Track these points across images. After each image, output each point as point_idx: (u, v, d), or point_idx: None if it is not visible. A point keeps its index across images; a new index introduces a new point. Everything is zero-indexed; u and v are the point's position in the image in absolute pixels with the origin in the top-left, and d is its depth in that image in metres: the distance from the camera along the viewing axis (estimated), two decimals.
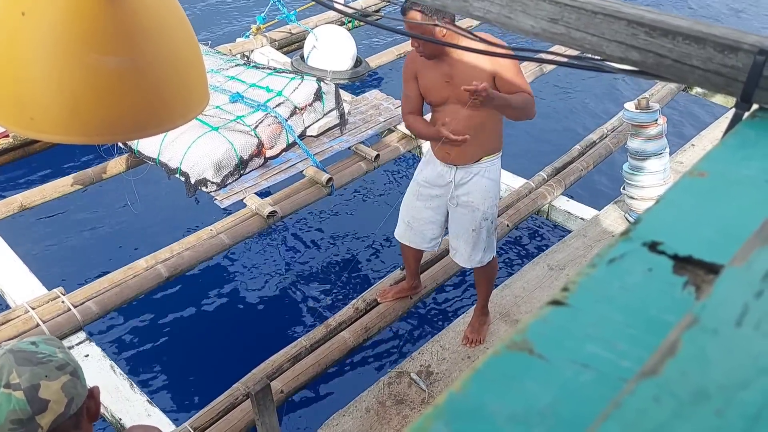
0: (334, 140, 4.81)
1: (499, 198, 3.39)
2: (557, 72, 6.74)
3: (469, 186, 3.22)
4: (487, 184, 3.22)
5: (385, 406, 3.29)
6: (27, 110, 1.07)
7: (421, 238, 3.48)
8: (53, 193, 4.37)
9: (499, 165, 3.26)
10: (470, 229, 3.29)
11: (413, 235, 3.47)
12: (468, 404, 0.53)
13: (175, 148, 4.23)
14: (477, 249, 3.34)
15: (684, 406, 0.48)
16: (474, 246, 3.33)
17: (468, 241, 3.33)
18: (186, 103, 1.21)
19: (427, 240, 3.48)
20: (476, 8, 1.35)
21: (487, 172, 3.21)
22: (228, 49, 5.83)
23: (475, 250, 3.34)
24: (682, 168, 4.92)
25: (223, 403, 3.18)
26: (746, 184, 0.84)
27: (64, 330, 3.40)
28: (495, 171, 3.24)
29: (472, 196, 3.23)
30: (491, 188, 3.23)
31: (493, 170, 3.23)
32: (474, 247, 3.33)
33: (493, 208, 3.28)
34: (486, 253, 3.36)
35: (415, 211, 3.40)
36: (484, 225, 3.27)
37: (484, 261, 3.38)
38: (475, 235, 3.30)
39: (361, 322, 3.67)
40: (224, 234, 4.04)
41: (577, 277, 0.68)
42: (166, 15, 1.15)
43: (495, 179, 3.24)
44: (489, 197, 3.23)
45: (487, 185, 3.22)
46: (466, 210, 3.26)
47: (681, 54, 1.12)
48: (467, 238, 3.32)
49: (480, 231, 3.28)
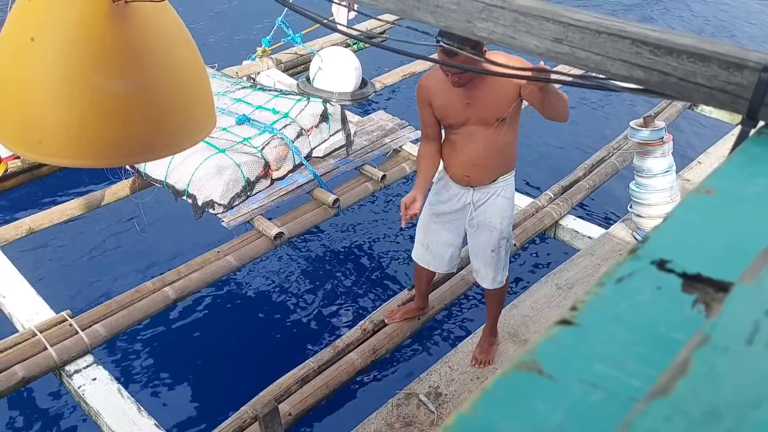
0: (341, 161, 4.82)
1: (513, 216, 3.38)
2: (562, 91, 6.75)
3: (486, 206, 3.21)
4: (503, 203, 3.21)
5: (393, 428, 3.27)
6: (35, 134, 1.08)
7: (440, 261, 3.46)
8: (61, 216, 4.39)
9: (513, 183, 3.26)
10: (489, 250, 3.28)
11: (432, 258, 3.46)
12: (477, 425, 0.53)
13: (182, 171, 4.25)
14: (498, 269, 3.33)
15: (696, 426, 0.47)
16: (495, 267, 3.32)
17: (488, 262, 3.31)
18: (193, 126, 1.21)
19: (446, 262, 3.46)
20: (481, 29, 1.36)
21: (503, 191, 3.20)
22: (234, 71, 5.87)
23: (496, 270, 3.33)
24: (689, 186, 4.91)
25: (231, 426, 3.16)
26: (754, 201, 0.84)
27: (71, 353, 3.40)
28: (510, 189, 3.24)
29: (489, 216, 3.22)
30: (507, 207, 3.23)
31: (508, 189, 3.22)
32: (495, 267, 3.32)
33: (509, 227, 3.28)
34: (504, 271, 3.37)
35: (434, 234, 3.38)
36: (503, 244, 3.27)
37: (503, 281, 3.39)
38: (495, 256, 3.29)
39: (369, 344, 3.66)
40: (231, 255, 4.04)
41: (585, 297, 0.68)
42: (172, 39, 1.16)
43: (510, 197, 3.24)
44: (506, 216, 3.23)
45: (503, 204, 3.21)
46: (485, 230, 3.25)
47: (686, 72, 1.12)
48: (487, 259, 3.31)
49: (499, 251, 3.28)
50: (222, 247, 4.11)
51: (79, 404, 3.40)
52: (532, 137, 6.50)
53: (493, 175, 3.15)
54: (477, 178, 3.14)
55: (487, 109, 2.94)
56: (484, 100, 2.92)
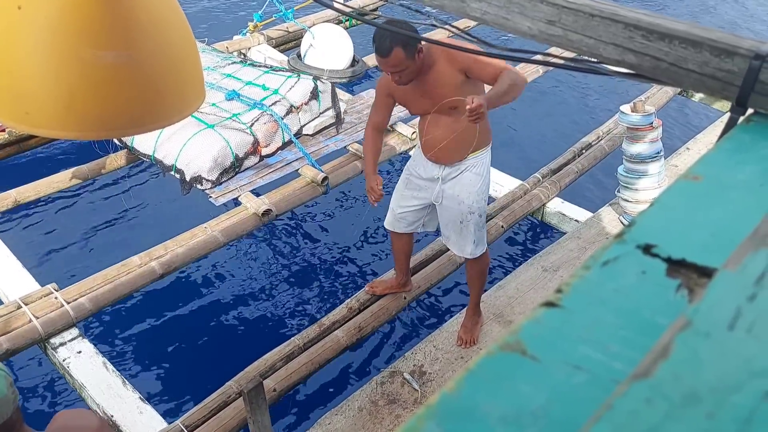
0: (330, 139, 4.80)
1: (488, 193, 3.42)
2: (553, 74, 6.75)
3: (455, 181, 3.28)
4: (473, 178, 3.27)
5: (377, 405, 3.29)
6: (22, 105, 1.07)
7: (402, 223, 3.55)
8: (47, 188, 4.36)
9: (486, 160, 3.30)
10: (457, 221, 3.35)
11: (395, 220, 3.55)
12: (460, 404, 0.53)
13: (170, 145, 4.23)
14: (467, 241, 3.38)
15: (676, 409, 0.48)
16: (464, 238, 3.38)
17: (458, 232, 3.39)
18: (182, 100, 1.20)
19: (407, 224, 3.55)
20: (474, 9, 1.35)
21: (474, 167, 3.26)
22: (225, 46, 5.82)
23: (465, 241, 3.39)
24: (677, 171, 4.93)
25: (216, 401, 3.17)
26: (740, 189, 0.85)
27: (56, 326, 3.39)
28: (481, 166, 3.28)
29: (458, 190, 3.28)
30: (476, 182, 3.27)
31: (479, 165, 3.27)
32: (464, 238, 3.38)
33: (480, 202, 3.31)
34: (477, 246, 3.40)
35: (403, 200, 3.48)
36: (471, 218, 3.31)
37: (475, 253, 3.42)
38: (463, 228, 3.35)
39: (355, 322, 3.67)
40: (219, 232, 4.03)
41: (570, 279, 0.68)
42: (163, 11, 1.15)
43: (481, 174, 3.28)
44: (474, 191, 3.27)
45: (473, 179, 3.27)
46: (452, 203, 3.32)
47: (677, 57, 1.12)
48: (456, 229, 3.38)
49: (467, 224, 3.33)
50: (209, 222, 4.09)
51: (64, 377, 3.40)
52: (520, 120, 6.50)
53: (462, 155, 3.23)
54: (445, 157, 3.25)
55: (439, 97, 3.08)
56: (434, 90, 3.07)
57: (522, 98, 3.31)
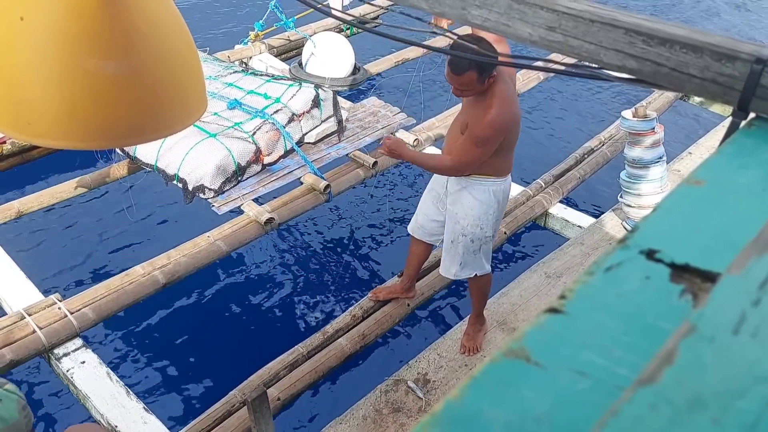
0: (332, 147, 4.81)
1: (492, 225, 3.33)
2: (555, 80, 6.76)
3: (455, 196, 3.29)
4: (471, 201, 3.24)
5: (382, 414, 3.28)
6: (25, 115, 1.07)
7: (422, 231, 3.58)
8: (51, 199, 4.36)
9: (488, 188, 3.23)
10: (449, 239, 3.36)
11: (417, 226, 3.58)
12: (465, 412, 0.53)
13: (172, 155, 4.23)
14: (453, 261, 3.38)
15: (681, 414, 0.47)
16: (451, 257, 3.39)
17: (447, 249, 3.40)
18: (184, 109, 1.20)
19: (427, 233, 3.57)
20: (475, 16, 1.35)
21: (474, 190, 3.23)
22: (226, 55, 5.83)
23: (452, 262, 3.39)
24: (680, 176, 4.93)
25: (220, 410, 3.16)
26: (743, 193, 0.84)
27: (60, 336, 3.39)
28: (483, 192, 3.22)
29: (456, 208, 3.29)
30: (475, 207, 3.24)
31: (481, 190, 3.22)
32: (451, 258, 3.39)
33: (475, 228, 3.27)
34: (463, 269, 3.38)
35: (424, 206, 3.54)
36: (462, 240, 3.30)
37: (460, 275, 3.42)
38: (452, 247, 3.36)
39: (358, 330, 3.67)
40: (221, 241, 4.03)
41: (574, 285, 0.68)
42: (164, 21, 1.15)
43: (482, 200, 3.23)
44: (471, 215, 3.25)
45: (471, 203, 3.24)
46: (450, 220, 3.34)
47: (678, 62, 1.12)
48: (447, 246, 3.39)
49: (457, 244, 3.33)
50: (212, 232, 4.09)
51: (68, 387, 3.40)
52: (523, 126, 6.50)
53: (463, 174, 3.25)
54: None
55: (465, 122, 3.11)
56: (469, 115, 3.08)
57: (523, 105, 3.34)
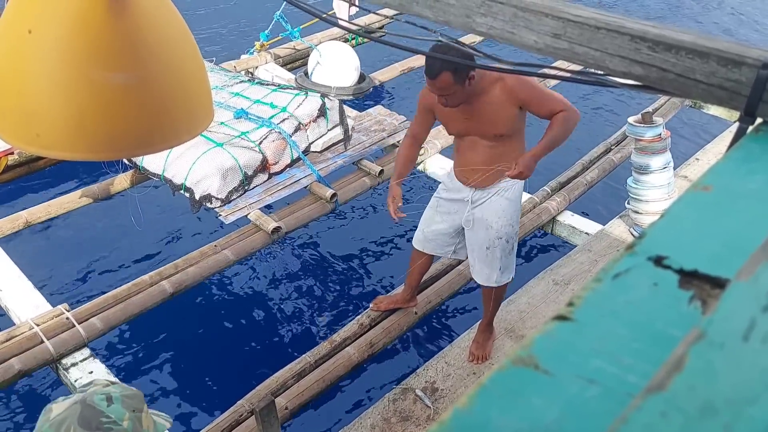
0: (338, 156, 4.82)
1: (518, 219, 3.34)
2: (560, 87, 6.75)
3: (485, 205, 3.24)
4: (503, 203, 3.21)
5: (390, 423, 3.27)
6: (33, 127, 1.08)
7: (434, 246, 3.53)
8: (58, 209, 4.38)
9: (519, 186, 3.24)
10: (484, 247, 3.29)
11: (427, 242, 3.53)
12: (473, 420, 0.53)
13: (179, 164, 4.25)
14: (492, 268, 3.32)
15: (691, 422, 0.47)
16: (489, 265, 3.32)
17: (483, 259, 3.32)
18: (191, 119, 1.21)
19: (439, 246, 3.53)
20: (480, 24, 1.36)
21: (506, 192, 3.21)
22: (233, 65, 5.86)
23: (491, 269, 3.33)
24: (687, 182, 4.91)
25: (228, 420, 3.16)
26: (751, 198, 0.84)
27: (68, 346, 3.40)
28: (513, 192, 3.22)
29: (487, 214, 3.23)
30: (507, 208, 3.22)
31: (511, 191, 3.22)
32: (489, 265, 3.32)
33: (508, 228, 3.24)
34: (503, 273, 3.35)
35: (432, 223, 3.46)
36: (498, 244, 3.25)
37: (501, 281, 3.37)
38: (489, 254, 3.29)
39: (366, 338, 3.66)
40: (228, 250, 4.03)
41: (582, 292, 0.68)
42: (170, 31, 1.16)
43: (513, 199, 3.23)
44: (504, 216, 3.22)
45: (503, 204, 3.21)
46: (481, 228, 3.26)
47: (684, 68, 1.12)
48: (482, 256, 3.32)
49: (494, 249, 3.27)
50: (219, 241, 4.10)
51: None
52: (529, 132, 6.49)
53: (495, 180, 3.19)
54: (477, 181, 3.20)
55: (486, 125, 3.04)
56: (482, 117, 3.02)
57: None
